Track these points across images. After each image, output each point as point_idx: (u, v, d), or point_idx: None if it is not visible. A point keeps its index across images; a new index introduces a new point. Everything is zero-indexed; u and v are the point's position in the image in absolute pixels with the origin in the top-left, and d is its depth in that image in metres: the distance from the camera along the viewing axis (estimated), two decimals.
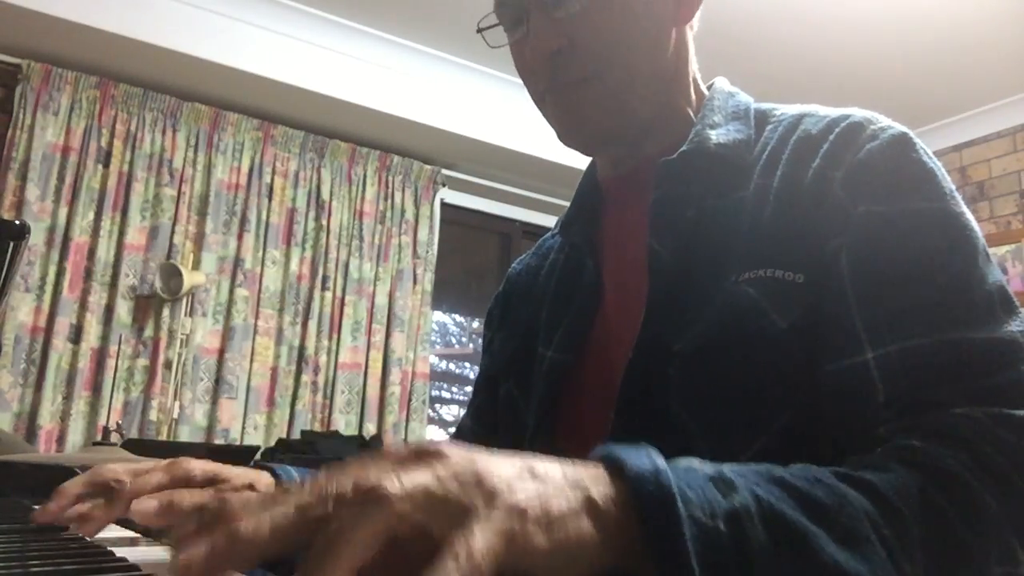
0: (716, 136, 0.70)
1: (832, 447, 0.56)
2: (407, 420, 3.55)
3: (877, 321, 0.57)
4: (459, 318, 4.46)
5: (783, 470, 0.44)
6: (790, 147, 0.67)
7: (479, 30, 0.77)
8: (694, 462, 0.42)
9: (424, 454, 0.36)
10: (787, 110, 0.72)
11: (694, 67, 0.78)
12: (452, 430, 4.24)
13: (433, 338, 3.93)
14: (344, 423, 3.39)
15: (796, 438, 0.57)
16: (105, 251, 3.07)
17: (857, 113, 0.66)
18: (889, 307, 0.57)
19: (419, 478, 0.34)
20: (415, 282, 3.72)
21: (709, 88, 0.79)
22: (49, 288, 2.95)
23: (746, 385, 0.59)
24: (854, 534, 0.41)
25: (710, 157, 0.69)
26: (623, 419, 0.64)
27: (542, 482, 0.36)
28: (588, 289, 0.75)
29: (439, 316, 4.23)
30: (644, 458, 0.39)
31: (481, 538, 0.32)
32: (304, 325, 3.40)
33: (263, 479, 0.67)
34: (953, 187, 0.62)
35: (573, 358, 0.73)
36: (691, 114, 0.76)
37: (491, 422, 0.85)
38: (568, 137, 0.74)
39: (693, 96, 0.77)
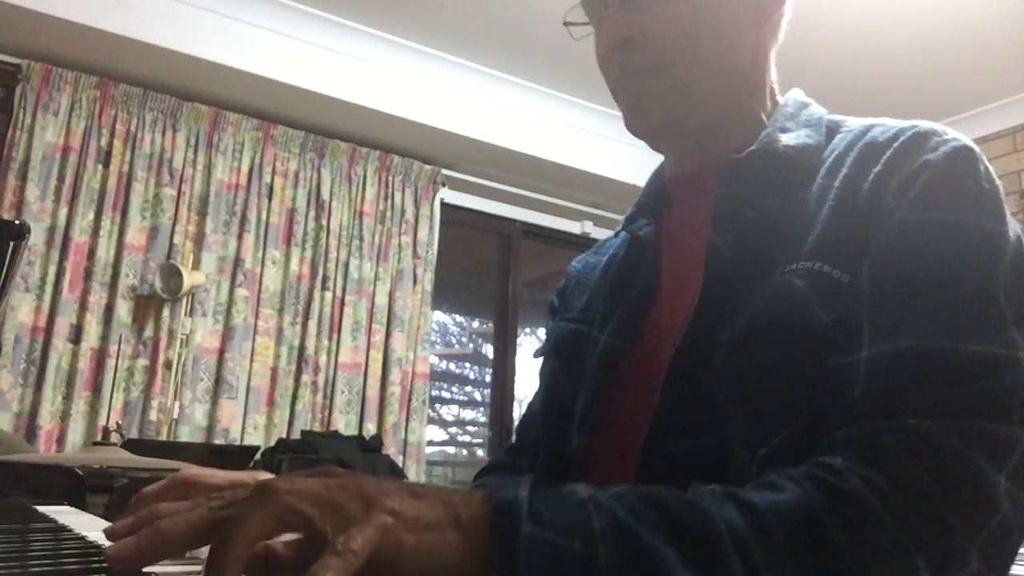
0: (786, 139, 0.71)
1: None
2: (407, 420, 3.55)
3: (882, 322, 0.57)
4: (459, 318, 4.46)
5: (668, 493, 0.47)
6: (855, 151, 0.67)
7: (566, 24, 0.80)
8: (579, 487, 0.46)
9: (319, 472, 0.43)
10: (858, 121, 0.73)
11: (773, 76, 0.80)
12: (452, 429, 4.24)
13: (433, 338, 3.93)
14: (344, 423, 3.39)
15: (818, 430, 0.58)
16: (105, 251, 3.07)
17: (924, 125, 0.66)
18: (896, 311, 0.57)
19: (309, 483, 0.41)
20: (415, 282, 3.72)
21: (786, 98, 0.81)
22: (49, 288, 2.95)
23: (782, 373, 0.60)
24: (710, 557, 0.44)
25: (778, 158, 0.70)
26: (667, 404, 0.65)
27: (418, 498, 0.42)
28: (646, 280, 0.77)
29: (439, 316, 4.23)
30: (511, 489, 0.44)
31: (358, 532, 0.39)
32: (304, 325, 3.40)
33: None
34: (1003, 207, 0.61)
35: (627, 344, 0.74)
36: (764, 119, 0.76)
37: None
38: (634, 126, 0.75)
39: (768, 103, 0.78)
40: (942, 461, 0.49)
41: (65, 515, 0.78)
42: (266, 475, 0.60)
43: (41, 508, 0.82)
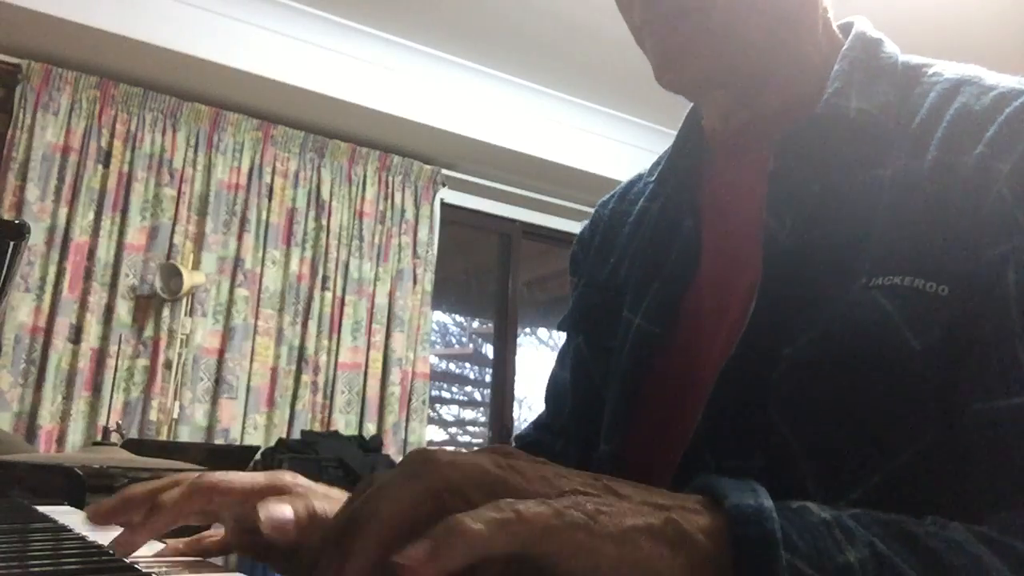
0: (858, 101, 0.58)
1: (966, 493, 0.48)
2: (407, 420, 3.55)
3: None
4: (459, 318, 4.46)
5: (916, 525, 0.39)
6: (945, 123, 0.55)
7: None
8: (809, 504, 0.37)
9: (495, 448, 0.34)
10: (943, 70, 0.60)
11: (827, 1, 0.64)
12: (452, 429, 4.24)
13: (433, 338, 3.93)
14: (344, 423, 3.39)
15: (919, 478, 0.49)
16: (105, 251, 3.07)
17: None
18: None
19: (477, 458, 0.32)
20: (415, 282, 3.72)
21: (845, 31, 0.66)
22: (49, 288, 2.95)
23: (868, 411, 0.50)
24: None
25: (849, 127, 0.58)
26: (712, 419, 0.56)
27: (620, 498, 0.33)
28: (685, 253, 0.65)
29: (439, 316, 4.23)
30: (748, 493, 0.35)
31: (535, 505, 0.29)
32: (304, 325, 3.40)
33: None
34: None
35: (663, 330, 0.64)
36: (819, 62, 0.63)
37: None
38: (665, 78, 0.62)
39: (823, 40, 0.64)
40: None
41: (65, 515, 0.78)
42: (289, 475, 0.54)
43: (41, 508, 0.82)
